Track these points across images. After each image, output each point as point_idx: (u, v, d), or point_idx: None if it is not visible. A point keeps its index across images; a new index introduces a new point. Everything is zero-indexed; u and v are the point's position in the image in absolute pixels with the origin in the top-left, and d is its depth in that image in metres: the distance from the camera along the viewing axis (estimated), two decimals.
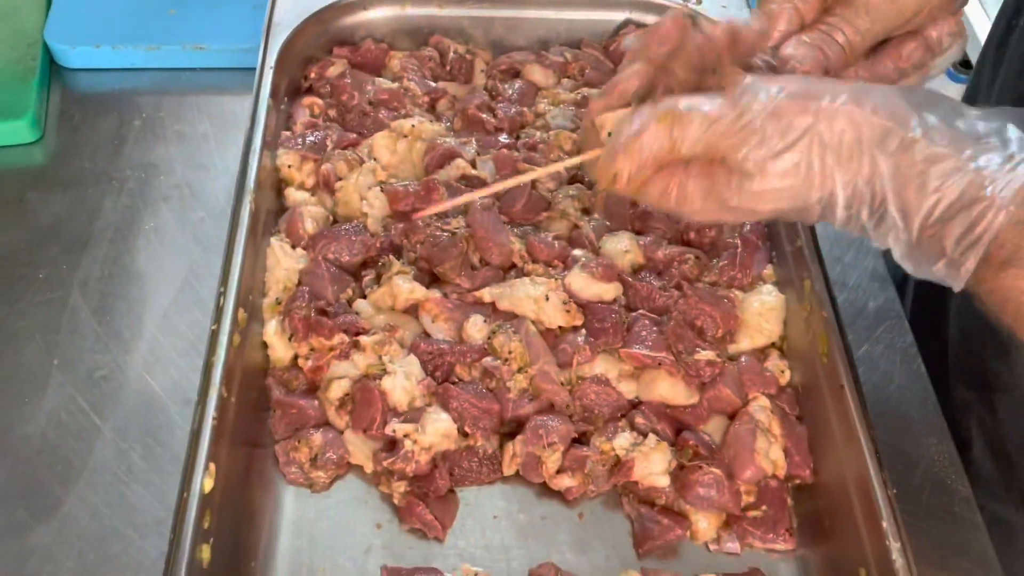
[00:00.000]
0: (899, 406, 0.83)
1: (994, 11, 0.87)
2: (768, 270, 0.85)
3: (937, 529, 0.75)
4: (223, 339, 0.70)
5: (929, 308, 0.93)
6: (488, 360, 0.76)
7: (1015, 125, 0.51)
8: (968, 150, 0.50)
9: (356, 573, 0.70)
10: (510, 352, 0.76)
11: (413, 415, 0.73)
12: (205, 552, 0.62)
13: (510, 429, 0.76)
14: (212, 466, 0.65)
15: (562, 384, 0.76)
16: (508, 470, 0.74)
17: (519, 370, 0.76)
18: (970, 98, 0.88)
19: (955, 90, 1.86)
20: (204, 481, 0.63)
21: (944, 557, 0.74)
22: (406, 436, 0.71)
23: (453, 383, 0.76)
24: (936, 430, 0.81)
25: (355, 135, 0.92)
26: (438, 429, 0.71)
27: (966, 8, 0.72)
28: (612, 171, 0.55)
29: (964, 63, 1.84)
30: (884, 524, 0.65)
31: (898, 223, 0.51)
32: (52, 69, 1.03)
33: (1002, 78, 0.81)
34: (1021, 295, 0.50)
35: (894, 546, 0.64)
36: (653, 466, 0.72)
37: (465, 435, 0.74)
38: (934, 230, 0.50)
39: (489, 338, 0.77)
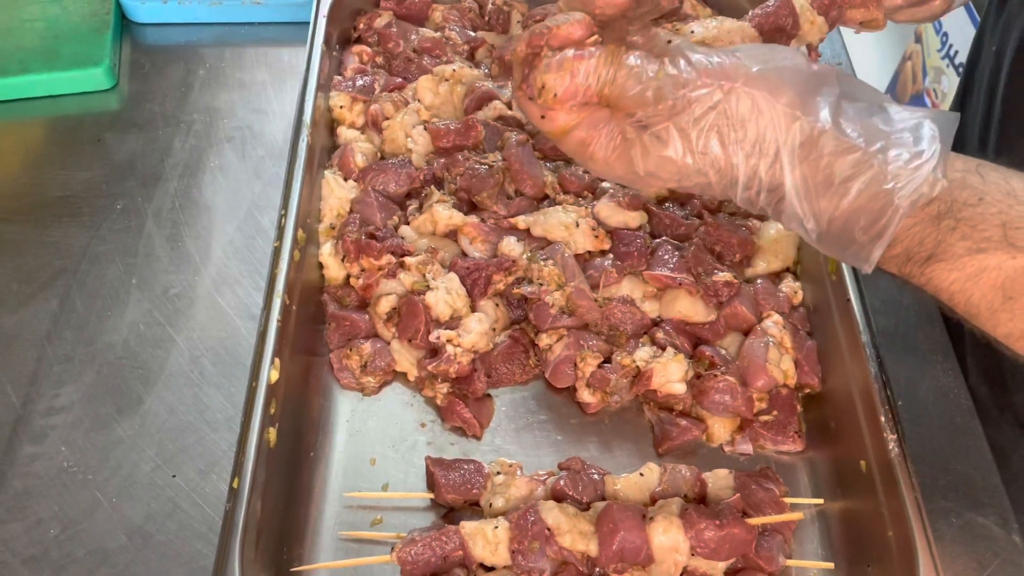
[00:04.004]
0: (907, 327, 0.88)
1: None
2: None
3: (939, 437, 0.81)
4: (285, 254, 0.79)
5: None
6: (525, 287, 0.83)
7: (933, 123, 0.52)
8: (878, 143, 0.51)
9: (403, 463, 0.78)
10: (546, 275, 0.83)
11: (453, 324, 0.80)
12: (272, 434, 0.71)
13: None
14: (277, 360, 0.73)
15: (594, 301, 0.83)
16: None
17: (556, 288, 0.82)
18: (978, 38, 0.92)
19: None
20: (271, 372, 0.72)
21: (945, 461, 0.79)
22: (448, 342, 0.79)
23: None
24: (941, 349, 0.86)
25: (400, 79, 0.99)
26: (477, 329, 0.79)
27: None
28: (541, 81, 0.56)
29: None
30: (882, 419, 0.71)
31: (798, 212, 0.53)
32: (123, 24, 1.13)
33: (1006, 14, 0.85)
34: (951, 286, 0.52)
35: (890, 438, 0.70)
36: (671, 374, 0.79)
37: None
38: (841, 221, 0.52)
39: (526, 260, 0.84)
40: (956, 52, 2.03)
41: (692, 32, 0.70)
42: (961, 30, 2.01)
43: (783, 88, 0.53)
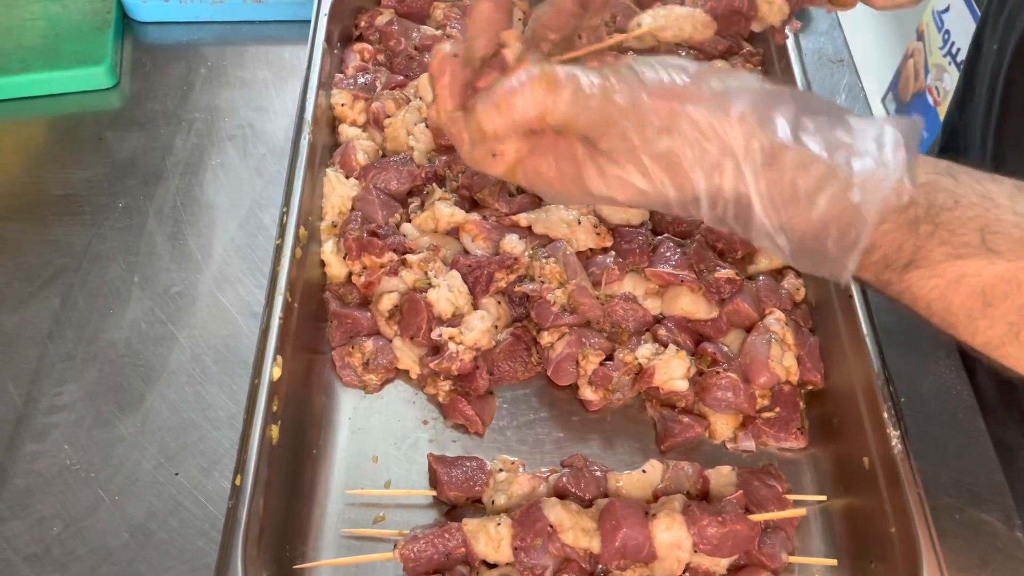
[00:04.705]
0: (909, 324, 0.87)
1: None
2: None
3: (942, 434, 0.81)
4: (287, 252, 0.79)
5: None
6: (527, 284, 0.83)
7: (897, 130, 0.50)
8: (842, 154, 0.49)
9: (405, 461, 0.77)
10: (548, 273, 0.82)
11: (455, 322, 0.80)
12: (274, 432, 0.71)
13: None
14: (279, 358, 0.73)
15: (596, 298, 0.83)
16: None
17: (558, 286, 0.82)
18: (978, 34, 0.92)
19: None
20: (273, 370, 0.72)
21: (948, 458, 0.79)
22: (451, 339, 0.78)
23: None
24: (944, 346, 0.86)
25: (402, 77, 0.99)
26: (479, 327, 0.79)
27: None
28: (477, 124, 0.53)
29: None
30: (885, 415, 0.71)
31: (768, 228, 0.51)
32: (125, 23, 1.13)
33: (1008, 10, 0.85)
34: (930, 293, 0.51)
35: (893, 434, 0.70)
36: (673, 371, 0.78)
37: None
38: (812, 234, 0.50)
39: (528, 258, 0.84)
40: (958, 49, 2.02)
41: (639, 25, 0.68)
42: (963, 27, 2.00)
43: (737, 106, 0.50)
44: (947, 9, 2.06)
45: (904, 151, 0.50)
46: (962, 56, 2.00)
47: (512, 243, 0.84)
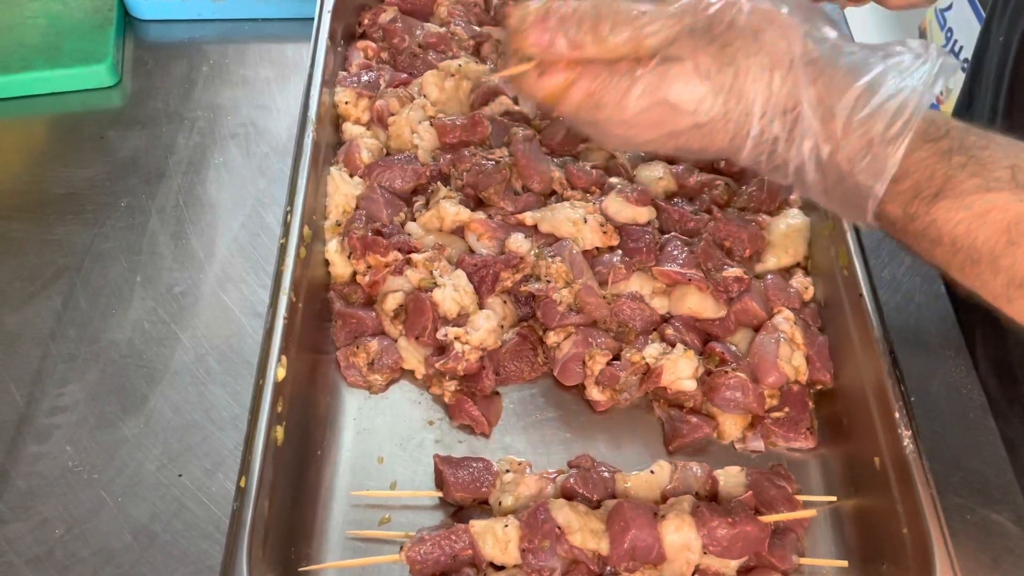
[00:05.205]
0: (918, 323, 0.87)
1: None
2: (794, 195, 0.90)
3: (952, 433, 0.80)
4: (291, 251, 0.78)
5: None
6: (533, 284, 0.82)
7: (918, 40, 0.55)
8: (880, 52, 0.54)
9: (411, 462, 0.77)
10: (554, 272, 0.81)
11: (461, 321, 0.79)
12: (279, 432, 0.70)
13: None
14: (284, 358, 0.72)
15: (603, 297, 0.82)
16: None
17: (564, 285, 0.81)
18: (986, 27, 0.91)
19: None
20: (277, 371, 0.71)
21: (958, 458, 0.79)
22: (456, 339, 0.78)
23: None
24: (953, 345, 0.86)
25: (406, 75, 0.98)
26: (485, 326, 0.78)
27: None
28: (529, 22, 0.55)
29: None
30: (896, 415, 0.70)
31: (814, 124, 0.53)
32: (126, 20, 1.12)
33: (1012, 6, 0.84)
34: (956, 227, 0.52)
35: (905, 434, 0.69)
36: (680, 371, 0.78)
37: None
38: (859, 128, 0.53)
39: (533, 256, 0.83)
40: (961, 48, 2.01)
41: None
42: (966, 25, 2.00)
43: (786, 5, 0.55)
44: (950, 7, 2.05)
45: (935, 47, 0.54)
46: (965, 54, 1.99)
47: (518, 242, 0.83)
